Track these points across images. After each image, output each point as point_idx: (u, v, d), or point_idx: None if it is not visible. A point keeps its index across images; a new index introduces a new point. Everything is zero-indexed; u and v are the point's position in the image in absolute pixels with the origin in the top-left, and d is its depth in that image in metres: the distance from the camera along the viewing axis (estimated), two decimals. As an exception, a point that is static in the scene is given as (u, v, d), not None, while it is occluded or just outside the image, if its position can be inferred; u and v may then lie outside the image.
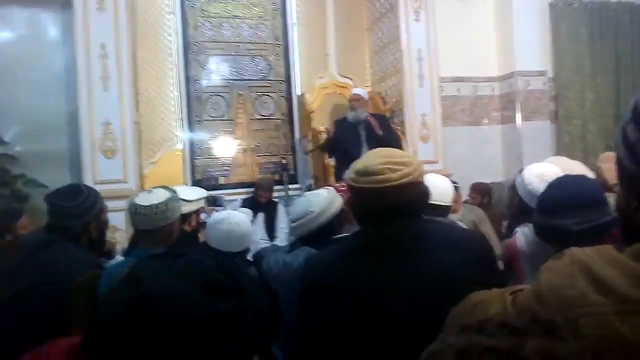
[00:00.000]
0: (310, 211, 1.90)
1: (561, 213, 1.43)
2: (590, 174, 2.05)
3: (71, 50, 4.34)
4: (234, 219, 1.93)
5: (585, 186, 1.53)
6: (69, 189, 2.00)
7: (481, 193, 4.79)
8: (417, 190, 1.24)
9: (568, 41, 6.09)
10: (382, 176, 1.20)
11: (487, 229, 3.59)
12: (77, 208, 1.89)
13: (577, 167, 2.06)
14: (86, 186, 2.02)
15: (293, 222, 1.97)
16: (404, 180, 1.20)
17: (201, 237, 2.23)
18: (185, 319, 0.59)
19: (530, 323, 0.49)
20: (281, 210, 4.82)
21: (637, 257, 0.61)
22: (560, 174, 1.75)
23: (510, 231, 2.01)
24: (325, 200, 1.93)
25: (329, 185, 4.60)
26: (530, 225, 1.74)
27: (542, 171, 1.82)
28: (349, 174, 1.30)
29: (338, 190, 2.15)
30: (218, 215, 1.98)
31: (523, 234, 1.80)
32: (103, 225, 2.01)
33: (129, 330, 0.59)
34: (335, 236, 1.94)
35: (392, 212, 1.22)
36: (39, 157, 4.51)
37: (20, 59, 4.65)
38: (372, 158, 1.26)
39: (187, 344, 0.59)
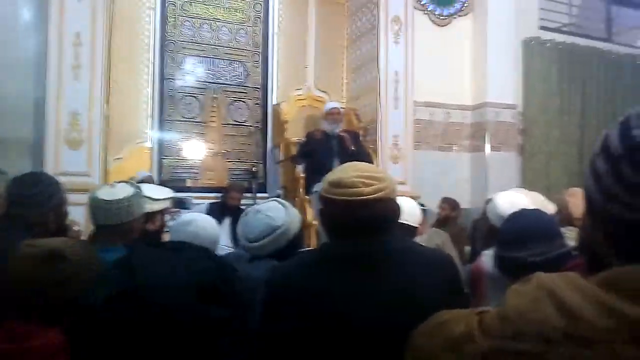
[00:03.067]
0: (276, 226, 1.74)
1: (517, 245, 1.47)
2: (551, 207, 2.12)
3: (44, 35, 4.21)
4: (202, 222, 1.87)
5: (541, 219, 1.57)
6: (29, 176, 1.91)
7: (451, 205, 4.89)
8: (389, 207, 1.24)
9: (538, 78, 6.31)
10: (355, 189, 1.20)
11: (451, 253, 3.64)
12: (35, 197, 1.81)
13: (538, 200, 2.12)
14: (47, 175, 1.94)
15: (253, 242, 1.77)
16: (377, 195, 1.20)
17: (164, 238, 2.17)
18: (173, 320, 0.57)
19: (563, 337, 0.51)
20: (246, 217, 4.78)
21: (604, 285, 0.62)
22: (529, 204, 1.80)
23: (476, 255, 2.04)
24: (286, 213, 1.80)
25: (295, 197, 4.61)
26: (497, 250, 1.78)
27: (513, 199, 1.87)
28: (322, 185, 1.30)
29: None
30: (185, 216, 1.91)
31: (489, 257, 1.83)
32: (62, 217, 1.93)
33: (115, 316, 0.56)
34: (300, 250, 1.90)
35: (363, 227, 1.21)
36: (1, 142, 4.34)
37: (-12, 39, 4.49)
38: (347, 171, 1.26)
39: (169, 344, 0.56)
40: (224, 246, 4.26)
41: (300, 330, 1.18)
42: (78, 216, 3.63)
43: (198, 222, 1.86)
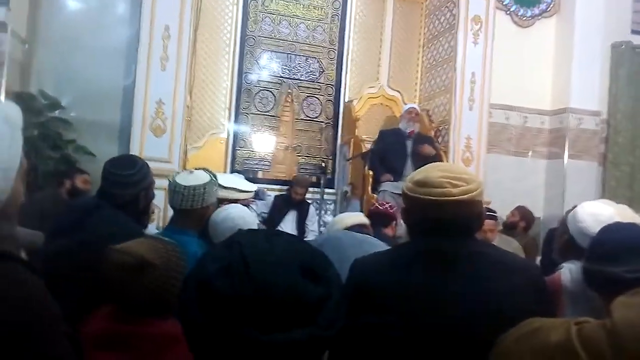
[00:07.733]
0: None
1: (613, 260, 1.40)
2: (640, 221, 1.99)
3: (136, 27, 4.47)
4: (234, 214, 1.90)
5: (638, 233, 1.49)
6: (125, 158, 2.05)
7: (523, 216, 4.68)
8: (474, 209, 1.22)
9: (626, 85, 5.93)
10: (443, 189, 1.19)
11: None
12: (130, 177, 1.93)
13: (626, 213, 2.00)
14: (141, 159, 2.07)
15: None
16: (464, 196, 1.19)
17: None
18: (278, 294, 0.60)
19: None
20: (312, 211, 4.86)
21: None
22: (615, 216, 1.70)
23: (552, 267, 1.96)
24: None
25: (364, 195, 4.62)
26: (578, 262, 1.70)
27: (596, 210, 1.76)
28: (406, 183, 1.30)
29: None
30: (217, 214, 1.94)
31: (569, 270, 1.75)
32: (150, 198, 2.05)
33: (225, 290, 0.60)
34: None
35: (447, 228, 1.20)
36: (91, 126, 4.65)
37: (86, 29, 4.80)
38: (433, 170, 1.25)
39: (272, 317, 0.60)
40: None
41: (377, 326, 1.19)
42: (158, 200, 3.84)
43: (231, 215, 1.86)
